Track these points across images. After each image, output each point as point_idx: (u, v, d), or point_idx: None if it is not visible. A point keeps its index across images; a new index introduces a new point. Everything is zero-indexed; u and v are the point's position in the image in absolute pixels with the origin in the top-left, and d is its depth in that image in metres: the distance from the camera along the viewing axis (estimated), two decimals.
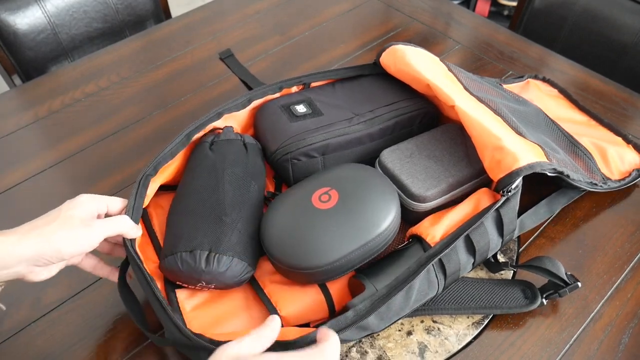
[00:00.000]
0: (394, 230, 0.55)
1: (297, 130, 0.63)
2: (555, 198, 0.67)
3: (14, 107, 0.84)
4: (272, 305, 0.54)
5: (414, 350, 0.54)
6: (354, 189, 0.55)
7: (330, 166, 0.63)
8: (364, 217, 0.53)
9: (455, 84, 0.67)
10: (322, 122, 0.64)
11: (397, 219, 0.55)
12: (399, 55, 0.69)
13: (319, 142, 0.62)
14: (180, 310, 0.53)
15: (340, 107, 0.67)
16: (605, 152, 0.71)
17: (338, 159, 0.64)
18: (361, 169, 0.59)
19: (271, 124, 0.65)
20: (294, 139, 0.62)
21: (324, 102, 0.68)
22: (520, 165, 0.55)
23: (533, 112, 0.73)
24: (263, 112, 0.67)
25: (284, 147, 0.62)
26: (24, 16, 1.06)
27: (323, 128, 0.63)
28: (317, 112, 0.66)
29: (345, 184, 0.56)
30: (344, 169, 0.59)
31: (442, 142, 0.64)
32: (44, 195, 0.71)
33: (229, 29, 0.99)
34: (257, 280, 0.56)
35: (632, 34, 1.03)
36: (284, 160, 0.62)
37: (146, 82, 0.88)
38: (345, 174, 0.58)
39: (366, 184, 0.56)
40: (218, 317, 0.54)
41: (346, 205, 0.54)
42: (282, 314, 0.53)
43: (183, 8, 1.14)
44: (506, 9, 2.17)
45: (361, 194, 0.55)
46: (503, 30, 0.99)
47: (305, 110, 0.66)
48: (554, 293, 0.56)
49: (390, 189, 0.57)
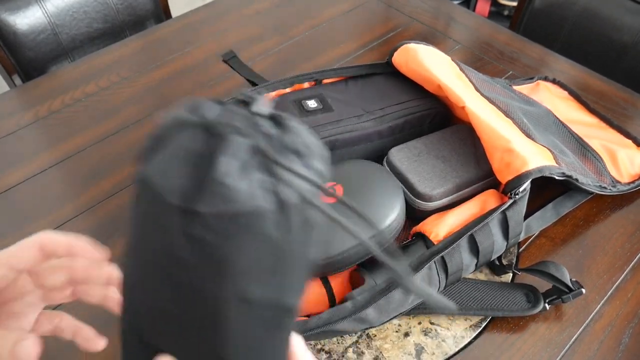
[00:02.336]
0: (398, 227, 0.55)
1: (307, 124, 0.63)
2: (563, 201, 0.67)
3: (14, 107, 0.84)
4: None
5: (410, 352, 0.54)
6: (359, 185, 0.56)
7: (337, 162, 0.64)
8: (368, 212, 0.53)
9: (467, 84, 0.67)
10: (332, 118, 0.64)
11: (401, 215, 0.55)
12: (411, 55, 0.68)
13: (327, 137, 0.62)
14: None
15: (352, 104, 0.67)
16: (615, 155, 0.71)
17: (347, 155, 0.65)
18: (367, 165, 0.60)
19: None
20: None
21: (335, 98, 0.68)
22: (529, 169, 0.54)
23: (543, 114, 0.73)
24: (275, 106, 0.68)
25: None
26: (24, 16, 1.06)
27: (332, 124, 0.64)
28: (327, 108, 0.66)
29: (350, 179, 0.57)
30: (349, 164, 0.60)
31: (451, 143, 0.64)
32: (44, 195, 0.71)
33: (229, 29, 0.99)
34: None
35: (632, 34, 1.03)
36: None
37: (146, 82, 0.88)
38: (350, 170, 0.59)
39: (371, 180, 0.57)
40: None
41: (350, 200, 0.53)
42: None
43: (183, 8, 1.14)
44: (506, 9, 2.16)
45: (365, 190, 0.56)
46: (503, 30, 0.99)
47: (316, 106, 0.66)
48: (557, 298, 0.56)
49: (395, 185, 0.57)
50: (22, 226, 0.67)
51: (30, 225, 0.67)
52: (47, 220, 0.68)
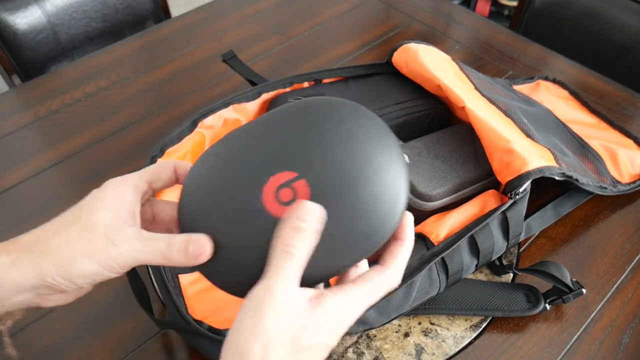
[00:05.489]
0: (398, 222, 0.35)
1: None
2: (563, 201, 0.67)
3: (13, 107, 0.84)
4: None
5: (410, 352, 0.54)
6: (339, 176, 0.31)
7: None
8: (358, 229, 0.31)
9: (467, 84, 0.67)
10: None
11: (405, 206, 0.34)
12: (411, 55, 0.68)
13: None
14: (183, 295, 0.54)
15: None
16: (616, 155, 0.71)
17: None
18: (344, 117, 0.33)
19: None
20: None
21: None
22: (529, 169, 0.54)
23: (543, 114, 0.73)
24: (274, 105, 0.68)
25: None
26: (24, 16, 1.06)
27: None
28: None
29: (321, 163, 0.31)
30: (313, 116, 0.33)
31: (452, 143, 0.64)
32: (44, 195, 0.71)
33: (229, 29, 0.99)
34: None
35: (633, 34, 1.03)
36: None
37: (146, 82, 0.88)
38: (318, 139, 0.32)
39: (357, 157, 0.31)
40: (221, 303, 0.54)
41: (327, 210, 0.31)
42: None
43: (183, 8, 1.14)
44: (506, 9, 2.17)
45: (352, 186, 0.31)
46: (503, 30, 0.99)
47: None
48: (557, 299, 0.56)
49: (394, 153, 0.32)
50: (22, 226, 0.67)
51: (29, 226, 0.67)
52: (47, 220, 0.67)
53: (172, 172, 0.36)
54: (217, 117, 0.65)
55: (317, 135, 0.32)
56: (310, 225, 0.30)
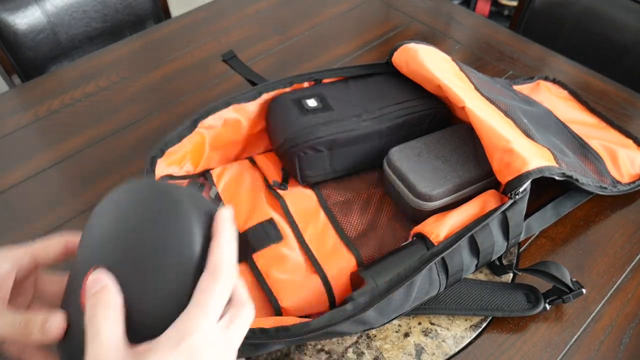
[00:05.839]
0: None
1: (306, 123, 0.63)
2: (563, 201, 0.67)
3: (13, 107, 0.84)
4: (274, 296, 0.54)
5: (410, 352, 0.54)
6: (128, 251, 0.33)
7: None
8: (160, 280, 0.33)
9: (467, 84, 0.66)
10: (332, 117, 0.64)
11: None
12: (411, 55, 0.68)
13: (326, 136, 0.62)
14: None
15: (352, 103, 0.67)
16: (616, 155, 0.71)
17: (346, 155, 0.64)
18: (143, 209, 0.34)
19: (281, 116, 0.66)
20: (301, 132, 0.62)
21: (335, 97, 0.68)
22: (529, 169, 0.54)
23: (543, 114, 0.73)
24: (274, 105, 0.68)
25: (291, 140, 0.62)
26: (24, 16, 1.06)
27: (331, 123, 0.63)
28: (327, 107, 0.66)
29: (123, 254, 0.33)
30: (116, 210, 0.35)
31: (452, 143, 0.64)
32: (44, 195, 0.71)
33: (229, 29, 0.99)
34: (259, 270, 0.57)
35: (633, 34, 1.03)
36: (290, 152, 0.62)
37: (146, 82, 0.88)
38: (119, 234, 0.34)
39: (140, 229, 0.33)
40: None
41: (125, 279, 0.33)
42: (283, 305, 0.53)
43: (183, 8, 1.14)
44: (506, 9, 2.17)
45: (139, 251, 0.33)
46: (503, 30, 0.99)
47: (316, 105, 0.66)
48: (557, 299, 0.56)
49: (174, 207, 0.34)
50: (22, 226, 0.67)
51: (30, 225, 0.67)
52: (46, 220, 0.68)
53: (62, 248, 0.36)
54: (217, 117, 0.65)
55: (129, 229, 0.34)
56: (99, 285, 0.30)
